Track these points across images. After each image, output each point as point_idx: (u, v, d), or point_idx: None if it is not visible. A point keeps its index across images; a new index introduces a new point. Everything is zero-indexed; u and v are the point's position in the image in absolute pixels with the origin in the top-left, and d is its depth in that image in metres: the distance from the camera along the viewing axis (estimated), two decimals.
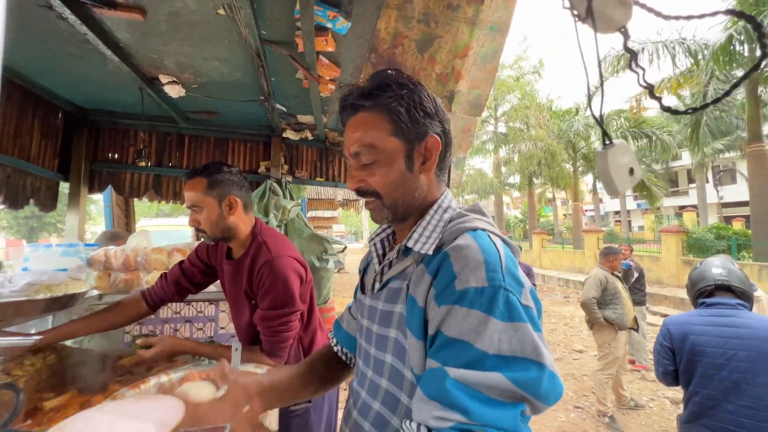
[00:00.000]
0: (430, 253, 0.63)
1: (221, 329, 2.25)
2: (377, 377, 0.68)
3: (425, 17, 1.48)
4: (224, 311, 2.27)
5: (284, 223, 3.03)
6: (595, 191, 22.53)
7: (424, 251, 0.64)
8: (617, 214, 29.09)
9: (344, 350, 0.91)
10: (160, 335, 1.28)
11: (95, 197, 3.50)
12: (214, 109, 2.59)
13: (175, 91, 2.08)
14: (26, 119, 2.17)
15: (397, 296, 0.67)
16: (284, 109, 2.55)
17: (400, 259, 0.70)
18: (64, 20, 1.43)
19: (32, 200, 2.29)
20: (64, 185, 2.61)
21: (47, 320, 1.80)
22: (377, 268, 0.75)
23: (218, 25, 1.54)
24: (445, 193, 0.72)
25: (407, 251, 0.69)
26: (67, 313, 1.79)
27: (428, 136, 0.67)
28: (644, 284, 4.90)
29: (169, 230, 7.97)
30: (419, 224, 0.67)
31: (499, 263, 0.55)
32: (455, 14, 1.47)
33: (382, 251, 0.79)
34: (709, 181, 21.31)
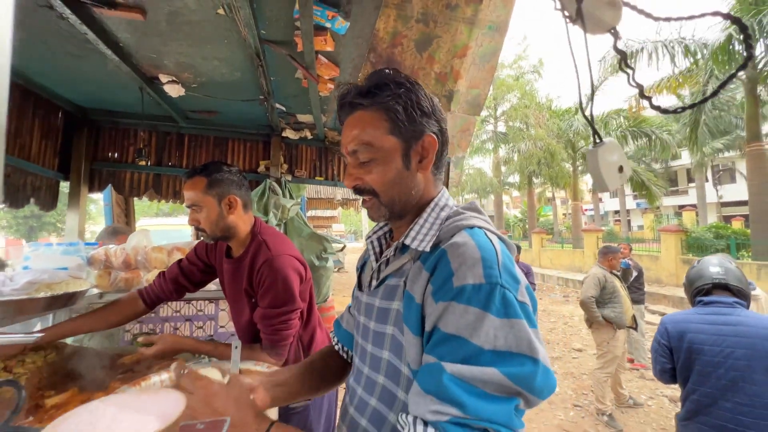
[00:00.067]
0: (427, 250, 0.63)
1: (221, 327, 2.26)
2: (374, 374, 0.69)
3: (424, 17, 1.48)
4: (224, 310, 2.27)
5: (284, 222, 3.04)
6: (594, 191, 22.52)
7: (421, 248, 0.64)
8: (617, 213, 29.09)
9: (345, 349, 0.91)
10: (160, 333, 1.29)
11: (95, 196, 3.50)
12: (213, 108, 2.59)
13: (174, 90, 2.08)
14: (26, 118, 2.17)
15: (394, 293, 0.67)
16: (283, 108, 2.56)
17: (397, 256, 0.71)
18: (64, 20, 1.43)
19: (32, 199, 2.29)
20: (64, 184, 2.61)
21: (48, 318, 1.81)
22: (374, 265, 0.75)
23: (218, 24, 1.54)
24: (441, 191, 0.72)
25: (404, 249, 0.69)
26: (67, 311, 1.80)
27: (425, 134, 0.67)
28: (643, 283, 4.91)
29: (168, 229, 7.94)
30: (416, 222, 0.68)
31: (495, 260, 0.56)
32: (454, 14, 1.48)
33: (379, 249, 0.79)
34: (708, 180, 21.34)
